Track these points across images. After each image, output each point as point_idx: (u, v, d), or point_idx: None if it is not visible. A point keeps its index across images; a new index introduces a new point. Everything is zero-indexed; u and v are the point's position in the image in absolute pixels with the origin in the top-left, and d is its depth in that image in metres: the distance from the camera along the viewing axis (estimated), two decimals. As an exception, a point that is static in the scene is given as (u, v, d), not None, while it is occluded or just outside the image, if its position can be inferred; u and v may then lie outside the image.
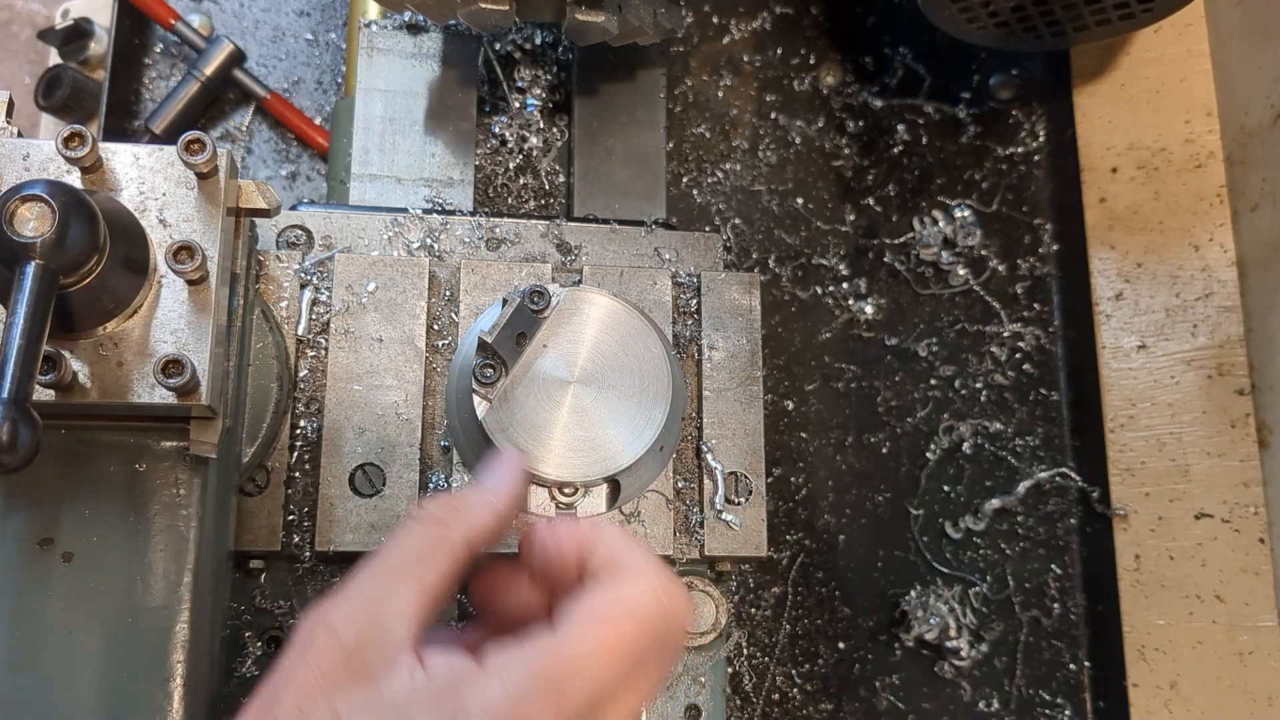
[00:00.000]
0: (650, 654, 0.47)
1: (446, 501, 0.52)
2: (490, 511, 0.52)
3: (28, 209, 0.46)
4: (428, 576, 0.49)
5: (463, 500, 0.53)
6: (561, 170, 0.82)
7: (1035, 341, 0.85)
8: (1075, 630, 0.81)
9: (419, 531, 0.50)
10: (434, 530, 0.50)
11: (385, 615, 0.47)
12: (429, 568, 0.49)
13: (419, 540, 0.50)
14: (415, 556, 0.50)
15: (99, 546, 0.55)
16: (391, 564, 0.49)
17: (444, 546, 0.50)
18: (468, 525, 0.51)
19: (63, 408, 0.52)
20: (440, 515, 0.51)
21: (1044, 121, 0.89)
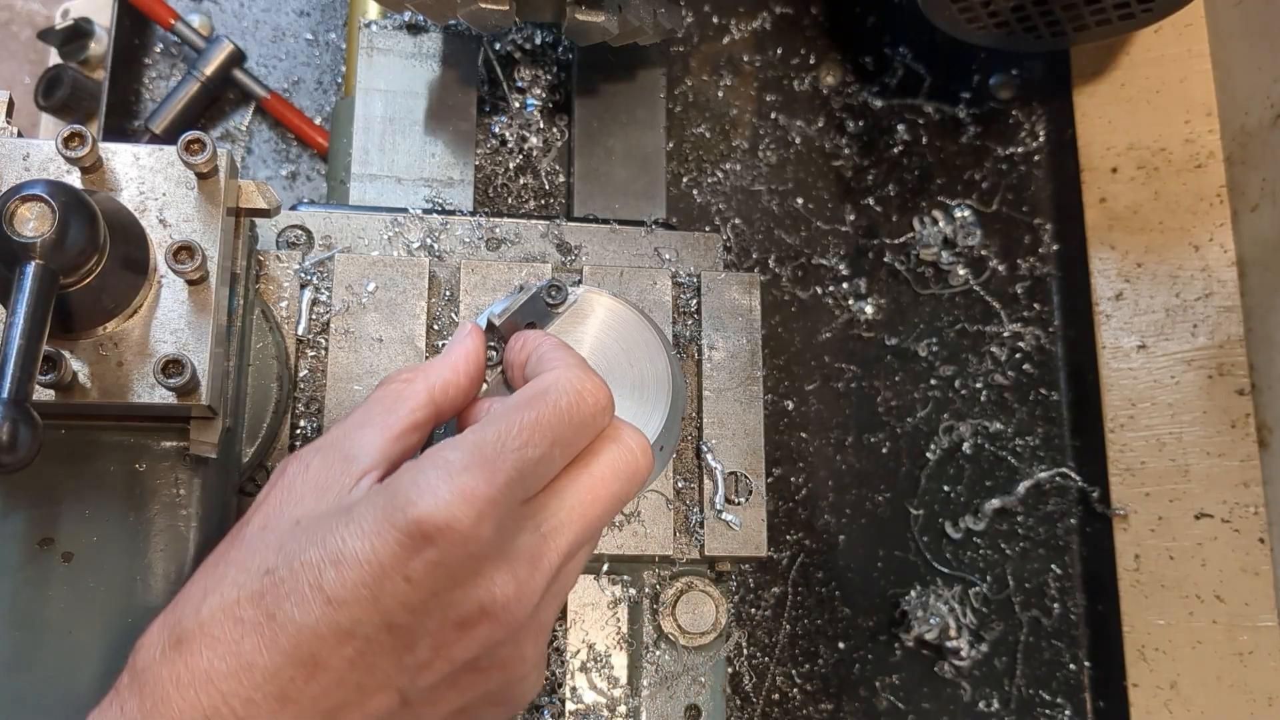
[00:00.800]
0: (570, 431, 0.50)
1: (410, 367, 0.57)
2: (450, 368, 0.56)
3: (28, 209, 0.46)
4: (390, 420, 0.53)
5: (426, 364, 0.57)
6: (561, 170, 0.82)
7: (1035, 341, 0.85)
8: (1075, 630, 0.81)
9: (385, 389, 0.55)
10: (399, 386, 0.55)
11: (350, 447, 0.52)
12: (392, 413, 0.53)
13: (385, 395, 0.55)
14: (381, 406, 0.54)
15: (99, 546, 0.55)
16: (360, 414, 0.54)
17: (407, 397, 0.54)
18: (430, 379, 0.55)
19: (63, 408, 0.52)
20: (405, 376, 0.56)
21: (1044, 121, 0.89)
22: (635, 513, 0.66)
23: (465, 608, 0.47)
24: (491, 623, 0.48)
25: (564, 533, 0.50)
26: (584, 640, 0.67)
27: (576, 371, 0.52)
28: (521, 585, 0.48)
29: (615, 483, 0.52)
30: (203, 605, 0.47)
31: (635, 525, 0.66)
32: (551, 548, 0.49)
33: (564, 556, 0.50)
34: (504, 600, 0.47)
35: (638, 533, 0.65)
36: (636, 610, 0.68)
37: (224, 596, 0.47)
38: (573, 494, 0.51)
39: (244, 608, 0.46)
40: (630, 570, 0.68)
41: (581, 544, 0.51)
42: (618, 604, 0.68)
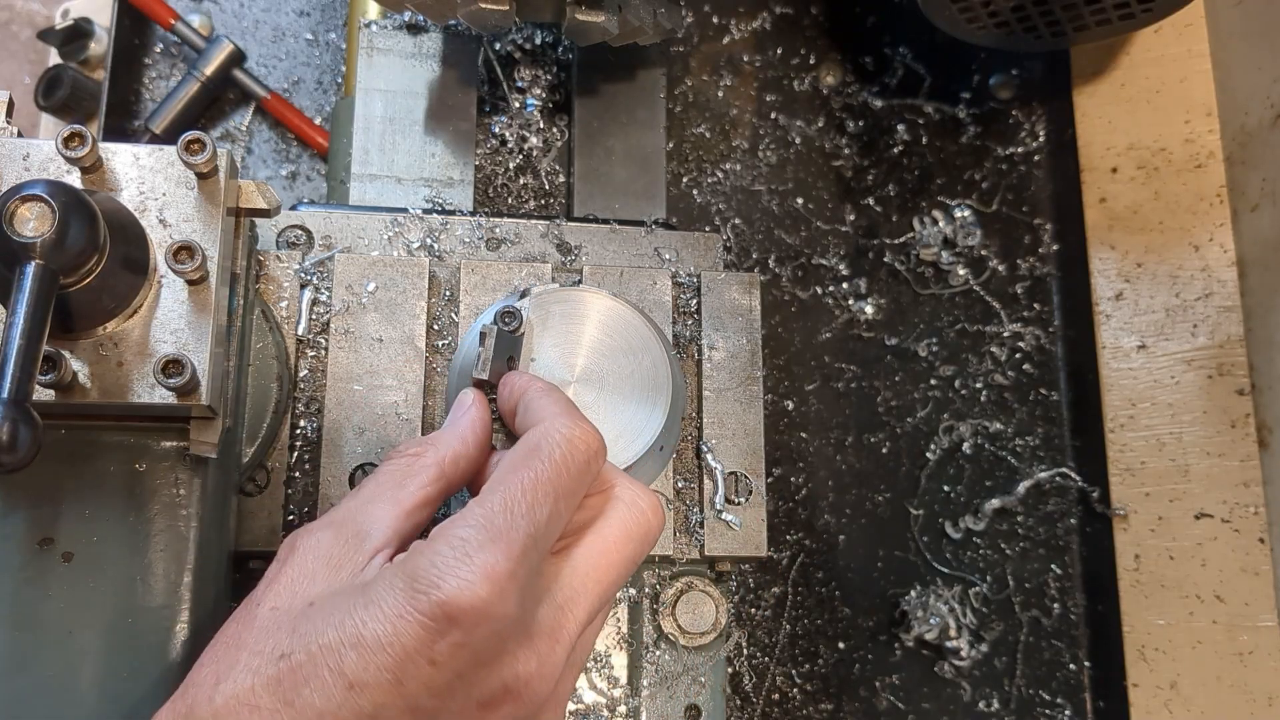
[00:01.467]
0: (570, 481, 0.50)
1: (419, 439, 0.57)
2: (460, 440, 0.56)
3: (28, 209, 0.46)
4: (402, 495, 0.53)
5: (435, 435, 0.57)
6: (561, 170, 0.82)
7: (1035, 341, 0.85)
8: (1075, 630, 0.81)
9: (395, 463, 0.55)
10: (409, 460, 0.55)
11: (361, 523, 0.52)
12: (403, 488, 0.53)
13: (396, 468, 0.54)
14: (392, 480, 0.54)
15: (99, 546, 0.55)
16: (370, 488, 0.54)
17: (417, 471, 0.54)
18: (440, 453, 0.55)
19: (63, 408, 0.52)
20: (414, 450, 0.55)
21: (1044, 121, 0.89)
22: (635, 513, 0.66)
23: (489, 687, 0.46)
24: (515, 701, 0.47)
25: (580, 602, 0.50)
26: (584, 640, 0.67)
27: (563, 420, 0.52)
28: (543, 661, 0.48)
29: (628, 546, 0.52)
30: (215, 693, 0.46)
31: (635, 525, 0.66)
32: (569, 619, 0.49)
33: (581, 626, 0.50)
34: (527, 677, 0.47)
35: (638, 533, 0.65)
36: (636, 610, 0.68)
37: (238, 683, 0.46)
38: (585, 561, 0.51)
39: (260, 695, 0.45)
40: (630, 570, 0.68)
41: (597, 611, 0.51)
42: (618, 604, 0.68)
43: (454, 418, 0.58)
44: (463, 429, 0.57)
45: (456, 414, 0.58)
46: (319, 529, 0.52)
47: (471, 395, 0.59)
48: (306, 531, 0.52)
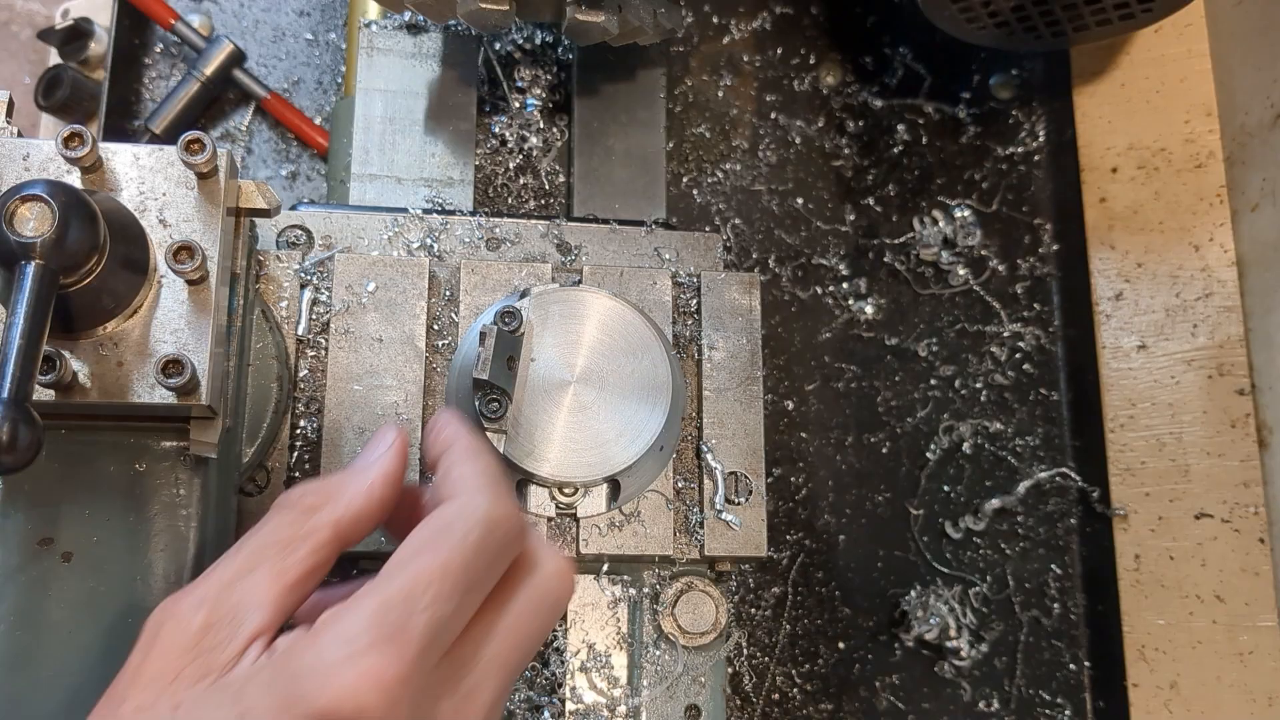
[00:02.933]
0: (483, 570, 0.45)
1: (316, 487, 0.49)
2: (364, 497, 0.49)
3: (28, 209, 0.46)
4: (287, 564, 0.46)
5: (335, 486, 0.49)
6: (561, 170, 0.82)
7: (1035, 341, 0.85)
8: (1075, 630, 0.81)
9: (283, 518, 0.47)
10: (300, 517, 0.47)
11: (237, 602, 0.45)
12: (290, 555, 0.46)
13: (282, 527, 0.47)
14: (276, 544, 0.46)
15: (99, 546, 0.55)
16: (249, 550, 0.46)
17: (309, 534, 0.47)
18: (338, 512, 0.48)
19: (63, 408, 0.52)
20: (308, 501, 0.48)
21: (1044, 121, 0.89)
22: (635, 513, 0.66)
23: None
24: None
25: (486, 688, 0.46)
26: (584, 640, 0.67)
27: (483, 497, 0.47)
28: None
29: (535, 620, 0.48)
30: None
31: (635, 525, 0.66)
32: (473, 708, 0.45)
33: (486, 711, 0.46)
34: None
35: (638, 533, 0.66)
36: (636, 610, 0.68)
37: None
38: (492, 645, 0.46)
39: None
40: (630, 570, 0.68)
41: (505, 691, 0.47)
42: (618, 604, 0.68)
43: (364, 461, 0.51)
44: (371, 482, 0.49)
45: (368, 456, 0.51)
46: (187, 608, 0.45)
47: (392, 436, 0.52)
48: (173, 613, 0.45)
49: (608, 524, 0.65)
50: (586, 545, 0.65)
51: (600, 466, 0.62)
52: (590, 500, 0.65)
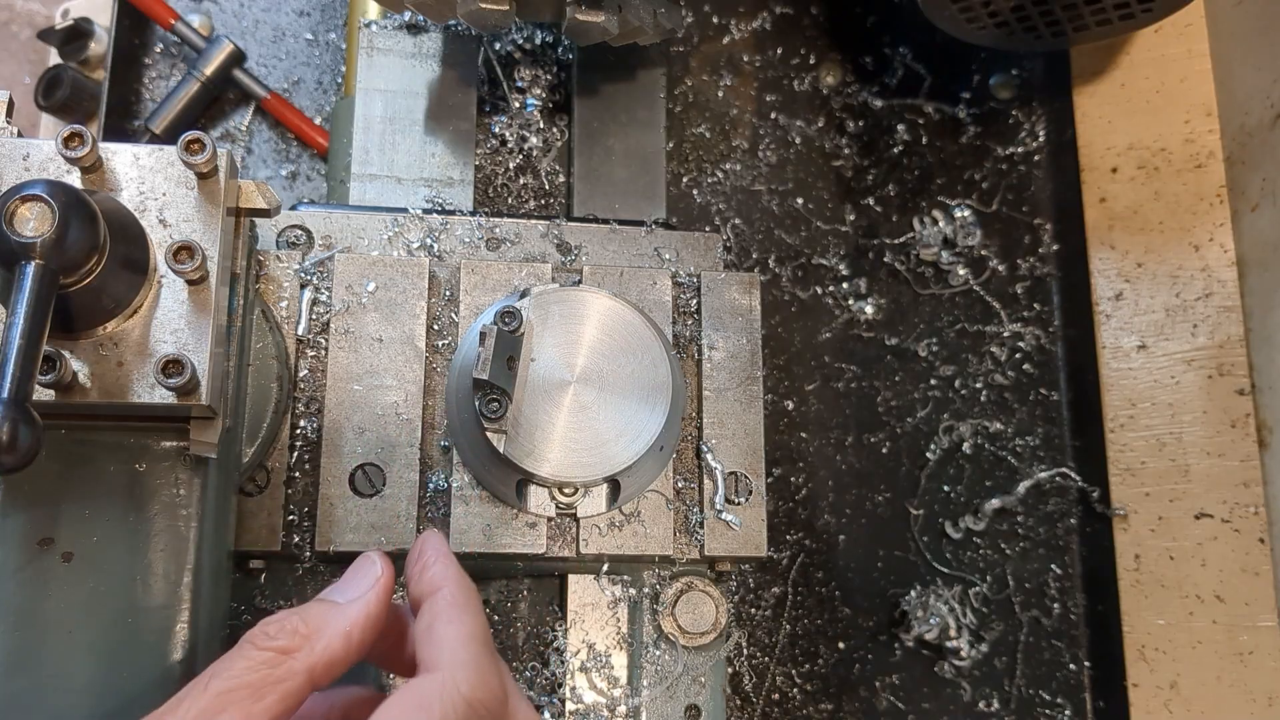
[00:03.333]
0: None
1: (294, 625, 0.47)
2: (342, 642, 0.47)
3: (28, 209, 0.46)
4: (255, 711, 0.44)
5: (314, 625, 0.47)
6: (561, 170, 0.82)
7: (1035, 341, 0.85)
8: (1075, 630, 0.81)
9: (256, 660, 0.45)
10: (275, 659, 0.45)
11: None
12: (259, 701, 0.44)
13: (255, 670, 0.45)
14: (248, 688, 0.44)
15: (99, 546, 0.55)
16: (216, 691, 0.44)
17: (282, 679, 0.45)
18: (314, 657, 0.46)
19: (63, 408, 0.52)
20: (285, 644, 0.46)
21: (1044, 121, 0.89)
22: (635, 513, 0.66)
23: None
24: None
25: None
26: (584, 640, 0.67)
27: (465, 674, 0.46)
28: None
29: None
30: None
31: (635, 525, 0.66)
32: None
33: None
34: None
35: (638, 533, 0.65)
36: (636, 610, 0.68)
37: None
38: None
39: None
40: (630, 570, 0.68)
41: None
42: (618, 604, 0.68)
43: (345, 593, 0.49)
44: (350, 627, 0.48)
45: (349, 588, 0.49)
46: None
47: (376, 573, 0.50)
48: None
49: (608, 524, 0.65)
50: (586, 545, 0.65)
51: (600, 466, 0.62)
52: (590, 500, 0.65)
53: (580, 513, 0.65)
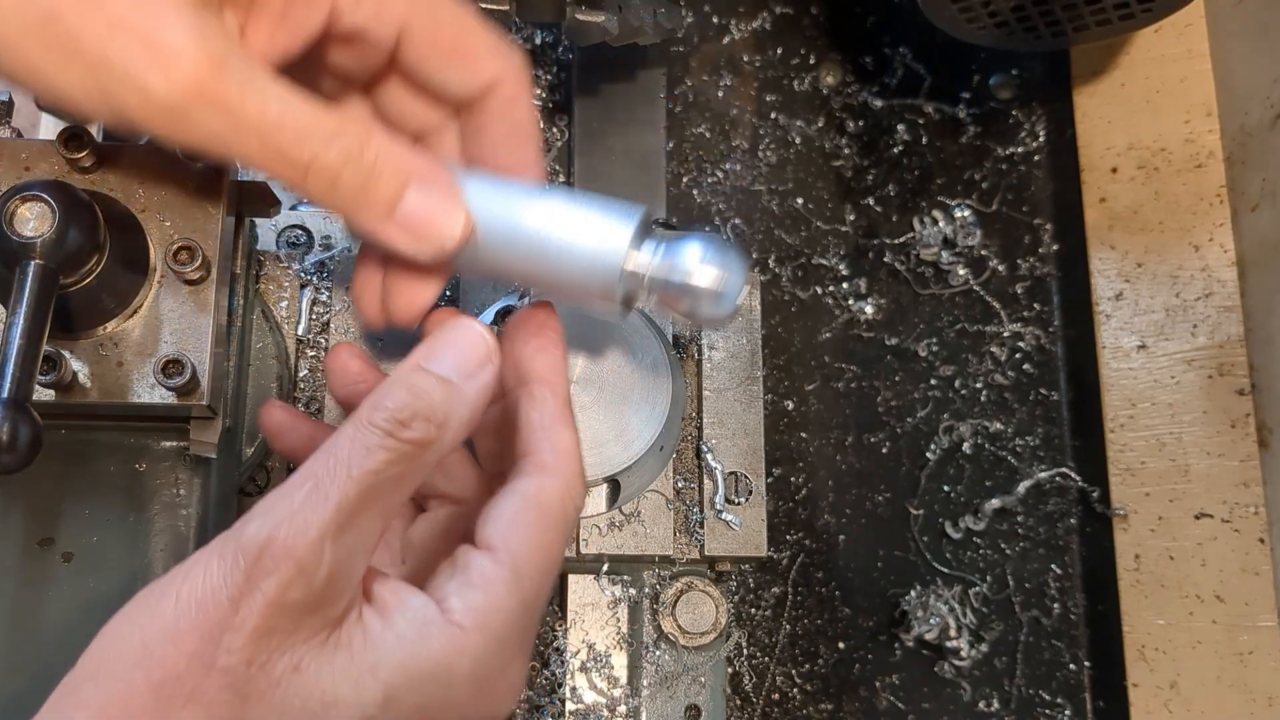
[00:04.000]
0: (560, 553, 0.46)
1: (426, 412, 0.42)
2: (469, 428, 0.45)
3: (28, 209, 0.46)
4: (394, 506, 0.42)
5: (443, 413, 0.43)
6: (561, 170, 0.82)
7: (1035, 341, 0.85)
8: (1075, 630, 0.81)
9: (399, 454, 0.41)
10: (414, 455, 0.42)
11: (353, 548, 0.40)
12: (399, 497, 0.42)
13: (397, 466, 0.41)
14: (392, 482, 0.41)
15: (99, 546, 0.55)
16: (366, 487, 0.40)
17: (417, 474, 0.43)
18: (443, 451, 0.43)
19: (63, 408, 0.52)
20: (421, 437, 0.42)
21: (1044, 121, 0.89)
22: (635, 513, 0.66)
23: None
24: None
25: None
26: (584, 640, 0.68)
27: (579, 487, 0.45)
28: None
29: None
30: None
31: (635, 525, 0.66)
32: None
33: None
34: None
35: (638, 533, 0.66)
36: (636, 610, 0.68)
37: None
38: None
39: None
40: (630, 570, 0.68)
41: None
42: (618, 604, 0.68)
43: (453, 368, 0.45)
44: (473, 412, 0.45)
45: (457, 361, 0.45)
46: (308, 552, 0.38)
47: (486, 347, 0.46)
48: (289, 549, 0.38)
49: (608, 524, 0.65)
50: (586, 545, 0.65)
51: (600, 466, 0.62)
52: (590, 500, 0.65)
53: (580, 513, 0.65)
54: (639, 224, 0.47)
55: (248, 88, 0.41)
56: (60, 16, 0.39)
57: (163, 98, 0.39)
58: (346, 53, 0.49)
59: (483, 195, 0.47)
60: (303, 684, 0.39)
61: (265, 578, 0.38)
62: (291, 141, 0.42)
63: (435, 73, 0.49)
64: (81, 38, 0.39)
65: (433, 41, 0.48)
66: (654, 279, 0.47)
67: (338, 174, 0.43)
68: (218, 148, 0.42)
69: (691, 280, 0.46)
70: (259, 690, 0.38)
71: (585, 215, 0.47)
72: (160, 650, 0.39)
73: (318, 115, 0.43)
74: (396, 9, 0.47)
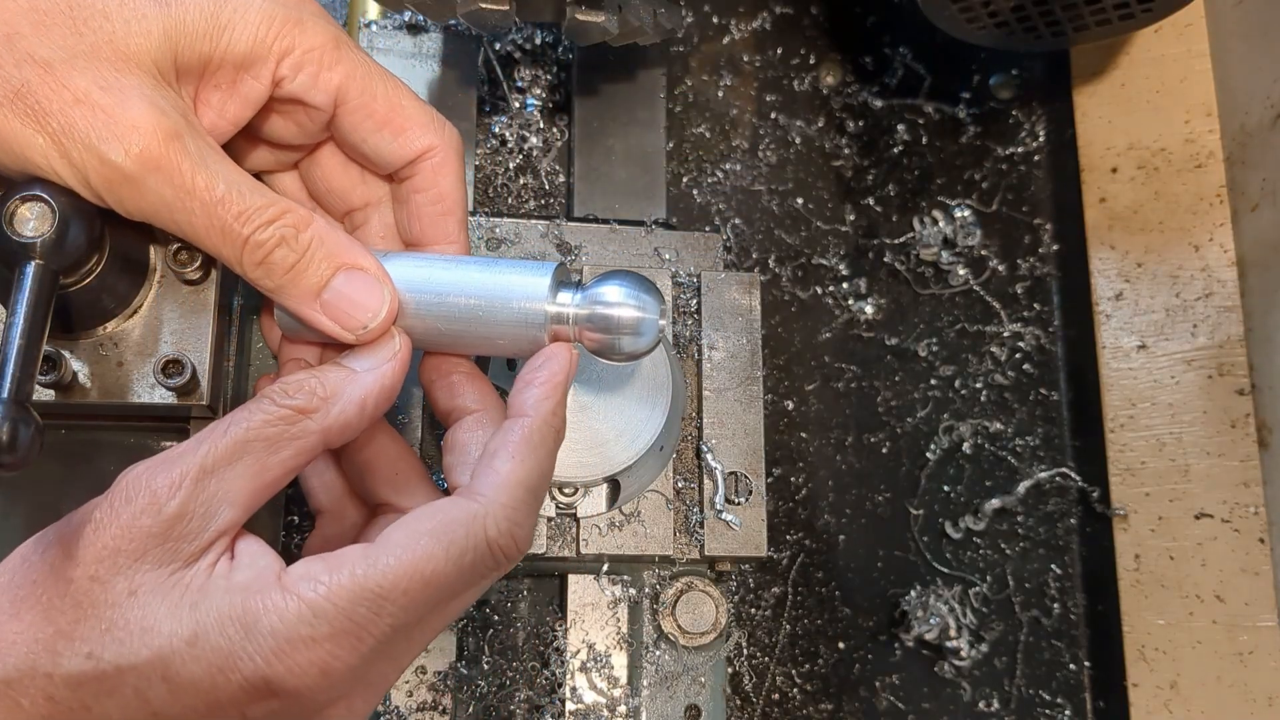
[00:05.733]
0: (465, 584, 0.46)
1: (312, 385, 0.47)
2: (358, 407, 0.48)
3: (28, 209, 0.46)
4: (269, 463, 0.45)
5: (330, 389, 0.47)
6: (561, 170, 0.82)
7: (1035, 341, 0.85)
8: (1075, 630, 0.81)
9: (274, 415, 0.46)
10: (292, 416, 0.46)
11: (214, 494, 0.44)
12: (274, 454, 0.46)
13: (273, 425, 0.46)
14: (264, 441, 0.45)
15: (99, 546, 0.55)
16: (232, 439, 0.45)
17: (297, 437, 0.46)
18: (329, 420, 0.47)
19: (63, 408, 0.52)
20: (303, 404, 0.46)
21: (1044, 121, 0.89)
22: (635, 513, 0.66)
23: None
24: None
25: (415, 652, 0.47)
26: (584, 640, 0.67)
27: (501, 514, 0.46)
28: (356, 713, 0.45)
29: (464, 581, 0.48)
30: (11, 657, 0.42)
31: (635, 525, 0.66)
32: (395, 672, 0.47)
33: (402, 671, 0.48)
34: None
35: (638, 533, 0.66)
36: (636, 610, 0.68)
37: (36, 663, 0.42)
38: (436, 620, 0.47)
39: (59, 687, 0.42)
40: (630, 570, 0.68)
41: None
42: (618, 604, 0.68)
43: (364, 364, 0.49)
44: (365, 392, 0.48)
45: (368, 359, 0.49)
46: (164, 487, 0.43)
47: (396, 345, 0.50)
48: (149, 482, 0.43)
49: (608, 524, 0.65)
50: (586, 545, 0.65)
51: (600, 466, 0.62)
52: (590, 500, 0.65)
53: (580, 512, 0.65)
54: (554, 272, 0.51)
55: (198, 163, 0.45)
56: (31, 90, 0.43)
57: (119, 166, 0.44)
58: (285, 122, 0.53)
59: (408, 276, 0.51)
60: (132, 607, 0.42)
61: (125, 504, 0.43)
62: (233, 217, 0.46)
63: (367, 140, 0.53)
64: (49, 110, 0.44)
65: (367, 111, 0.52)
66: (577, 316, 0.51)
67: (270, 253, 0.47)
68: (165, 215, 0.46)
69: (610, 314, 0.50)
70: (93, 603, 0.42)
71: (506, 275, 0.51)
72: (32, 558, 0.44)
73: (261, 195, 0.47)
74: (334, 78, 0.51)
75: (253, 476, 0.45)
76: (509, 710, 0.68)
